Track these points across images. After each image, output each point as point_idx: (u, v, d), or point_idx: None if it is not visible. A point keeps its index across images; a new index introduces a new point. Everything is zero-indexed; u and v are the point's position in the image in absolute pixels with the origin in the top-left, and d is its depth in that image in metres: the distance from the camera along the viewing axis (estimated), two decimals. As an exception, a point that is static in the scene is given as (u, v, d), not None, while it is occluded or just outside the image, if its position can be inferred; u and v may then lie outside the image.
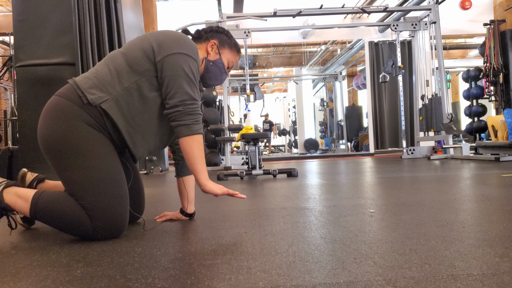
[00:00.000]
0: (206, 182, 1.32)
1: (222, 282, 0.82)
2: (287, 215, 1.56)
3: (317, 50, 11.69)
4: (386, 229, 1.24)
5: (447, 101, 5.76)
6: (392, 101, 8.04)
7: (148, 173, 4.75)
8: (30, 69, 3.77)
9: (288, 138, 15.48)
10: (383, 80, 6.35)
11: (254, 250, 1.05)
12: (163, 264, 0.97)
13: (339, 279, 0.81)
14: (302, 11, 5.77)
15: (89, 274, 0.91)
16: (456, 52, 11.93)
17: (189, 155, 1.30)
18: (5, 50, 9.59)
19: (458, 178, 2.72)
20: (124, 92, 1.29)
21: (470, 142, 8.11)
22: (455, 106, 13.33)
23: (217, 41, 1.51)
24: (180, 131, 1.30)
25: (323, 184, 2.72)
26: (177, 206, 1.96)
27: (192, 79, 1.32)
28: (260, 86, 15.80)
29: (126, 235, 1.33)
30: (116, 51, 1.37)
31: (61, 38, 3.80)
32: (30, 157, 3.72)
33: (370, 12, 6.38)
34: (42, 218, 1.26)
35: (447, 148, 5.55)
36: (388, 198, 1.91)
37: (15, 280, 0.89)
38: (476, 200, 1.74)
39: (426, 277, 0.79)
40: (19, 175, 1.53)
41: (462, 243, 1.03)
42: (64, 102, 1.27)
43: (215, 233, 1.29)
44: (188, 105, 1.29)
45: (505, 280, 0.76)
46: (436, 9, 5.83)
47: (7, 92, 9.17)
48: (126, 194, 1.30)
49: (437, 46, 5.84)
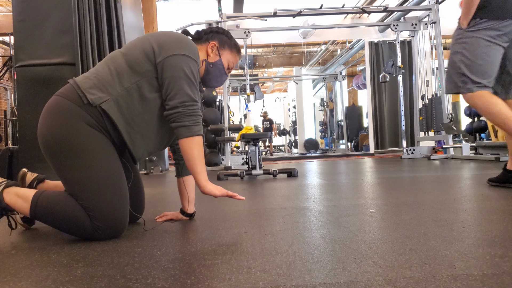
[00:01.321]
0: (206, 183, 1.32)
1: (222, 282, 0.82)
2: (287, 215, 1.56)
3: (317, 50, 11.69)
4: (386, 229, 1.24)
5: (447, 101, 5.76)
6: (392, 101, 8.04)
7: (148, 173, 4.75)
8: (30, 69, 3.77)
9: (288, 138, 15.48)
10: (383, 80, 6.36)
11: (254, 250, 1.05)
12: (163, 264, 0.97)
13: (339, 279, 0.81)
14: (302, 11, 5.77)
15: (89, 274, 0.91)
16: (456, 52, 11.90)
17: (188, 157, 1.30)
18: (5, 50, 9.59)
19: (458, 178, 2.72)
20: (124, 93, 1.29)
21: (470, 142, 8.12)
22: (455, 106, 13.33)
23: (217, 42, 1.51)
24: (180, 132, 1.30)
25: (323, 184, 2.72)
26: (177, 206, 1.96)
27: (192, 80, 1.32)
28: (260, 86, 15.80)
29: (126, 235, 1.33)
30: (116, 52, 1.37)
31: (61, 38, 3.80)
32: (30, 157, 3.72)
33: (370, 12, 6.39)
34: (42, 218, 1.26)
35: (447, 148, 5.55)
36: (388, 198, 1.91)
37: (15, 280, 0.89)
38: (476, 200, 1.74)
39: (426, 277, 0.79)
40: (19, 175, 1.53)
41: (462, 243, 1.03)
42: (64, 102, 1.27)
43: (215, 233, 1.29)
44: (188, 106, 1.29)
45: (505, 280, 0.76)
46: (436, 9, 5.83)
47: (7, 92, 9.17)
48: (126, 194, 1.30)
49: (437, 46, 5.84)
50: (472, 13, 1.97)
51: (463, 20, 2.03)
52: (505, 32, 1.95)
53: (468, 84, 2.00)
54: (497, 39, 1.96)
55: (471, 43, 2.00)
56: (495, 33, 1.96)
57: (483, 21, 1.96)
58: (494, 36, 1.96)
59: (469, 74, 1.99)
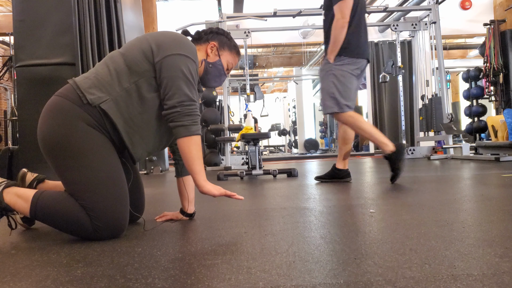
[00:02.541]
0: (204, 183, 1.32)
1: (222, 282, 0.82)
2: (287, 215, 1.56)
3: (317, 50, 11.68)
4: (386, 229, 1.24)
5: (447, 101, 5.76)
6: (392, 101, 8.03)
7: (148, 173, 4.75)
8: (30, 69, 3.77)
9: (288, 138, 15.47)
10: (383, 80, 6.35)
11: (254, 250, 1.05)
12: (163, 264, 0.97)
13: (339, 279, 0.81)
14: (302, 11, 5.77)
15: (89, 274, 0.91)
16: (456, 52, 11.92)
17: (187, 156, 1.30)
18: (5, 50, 9.59)
19: (458, 178, 2.72)
20: (124, 93, 1.29)
21: (470, 142, 8.11)
22: (455, 106, 13.33)
23: (216, 42, 1.51)
24: (178, 132, 1.30)
25: (323, 184, 2.72)
26: (177, 206, 1.96)
27: (190, 80, 1.32)
28: (260, 86, 15.80)
29: (126, 235, 1.33)
30: (115, 52, 1.37)
31: (61, 38, 3.80)
32: (30, 157, 3.72)
33: (370, 12, 6.38)
34: (42, 218, 1.26)
35: (447, 148, 5.55)
36: (388, 198, 1.91)
37: (15, 280, 0.89)
38: (476, 200, 1.74)
39: (426, 277, 0.79)
40: (19, 175, 1.53)
41: (462, 243, 1.03)
42: (64, 102, 1.27)
43: (215, 233, 1.29)
44: (186, 106, 1.29)
45: (505, 280, 0.76)
46: (436, 9, 5.83)
47: (7, 92, 9.17)
48: (126, 194, 1.30)
49: (437, 46, 5.84)
50: (337, 52, 2.60)
51: (330, 55, 2.62)
52: (359, 67, 2.64)
53: (340, 105, 2.59)
54: (355, 71, 2.63)
55: (339, 74, 2.61)
56: (354, 67, 2.62)
57: (346, 58, 2.60)
58: (354, 69, 2.62)
59: (340, 98, 2.59)
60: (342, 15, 2.56)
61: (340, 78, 2.59)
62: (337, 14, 2.57)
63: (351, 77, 2.61)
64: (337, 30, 2.56)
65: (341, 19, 2.55)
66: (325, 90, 2.62)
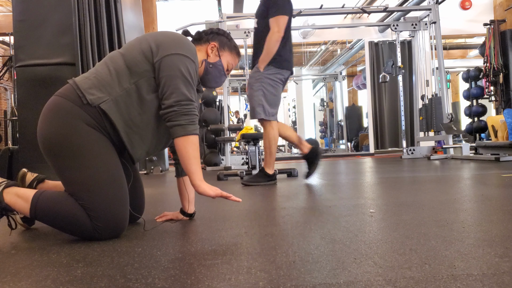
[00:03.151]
0: (200, 183, 1.31)
1: (222, 282, 0.82)
2: (287, 215, 1.56)
3: (317, 50, 11.68)
4: (386, 229, 1.24)
5: (447, 101, 5.76)
6: (392, 101, 8.03)
7: (148, 173, 4.75)
8: (30, 69, 3.77)
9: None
10: (383, 80, 6.35)
11: (254, 250, 1.05)
12: (163, 264, 0.97)
13: (339, 279, 0.81)
14: (302, 11, 5.77)
15: (89, 274, 0.91)
16: (456, 52, 11.93)
17: (183, 156, 1.30)
18: (5, 50, 9.59)
19: (458, 178, 2.72)
20: (124, 93, 1.29)
21: (470, 142, 8.11)
22: (455, 106, 13.33)
23: (217, 43, 1.51)
24: (175, 131, 1.30)
25: (323, 184, 2.72)
26: (177, 206, 1.95)
27: (188, 80, 1.32)
28: (260, 86, 15.76)
29: (126, 235, 1.33)
30: (115, 52, 1.37)
31: (61, 38, 3.80)
32: (30, 157, 3.72)
33: (370, 12, 6.39)
34: (42, 218, 1.26)
35: (447, 148, 5.55)
36: (388, 198, 1.91)
37: (15, 280, 0.89)
38: (476, 200, 1.74)
39: (426, 277, 0.79)
40: (19, 175, 1.53)
41: (462, 243, 1.03)
42: (63, 102, 1.27)
43: (215, 233, 1.29)
44: (183, 105, 1.29)
45: (505, 280, 0.76)
46: (436, 9, 5.83)
47: (7, 92, 9.17)
48: (126, 194, 1.30)
49: (437, 46, 5.84)
50: (268, 62, 2.79)
51: (261, 65, 2.80)
52: (285, 77, 2.90)
53: (266, 113, 2.82)
54: (281, 81, 2.88)
55: (268, 83, 2.82)
56: (281, 77, 2.86)
57: (274, 68, 2.82)
58: (281, 78, 2.87)
59: (267, 105, 2.83)
60: (278, 29, 2.73)
61: (267, 87, 2.82)
62: (274, 27, 2.74)
63: (278, 86, 2.88)
64: (272, 43, 2.74)
65: (277, 33, 2.73)
66: (254, 97, 2.84)
